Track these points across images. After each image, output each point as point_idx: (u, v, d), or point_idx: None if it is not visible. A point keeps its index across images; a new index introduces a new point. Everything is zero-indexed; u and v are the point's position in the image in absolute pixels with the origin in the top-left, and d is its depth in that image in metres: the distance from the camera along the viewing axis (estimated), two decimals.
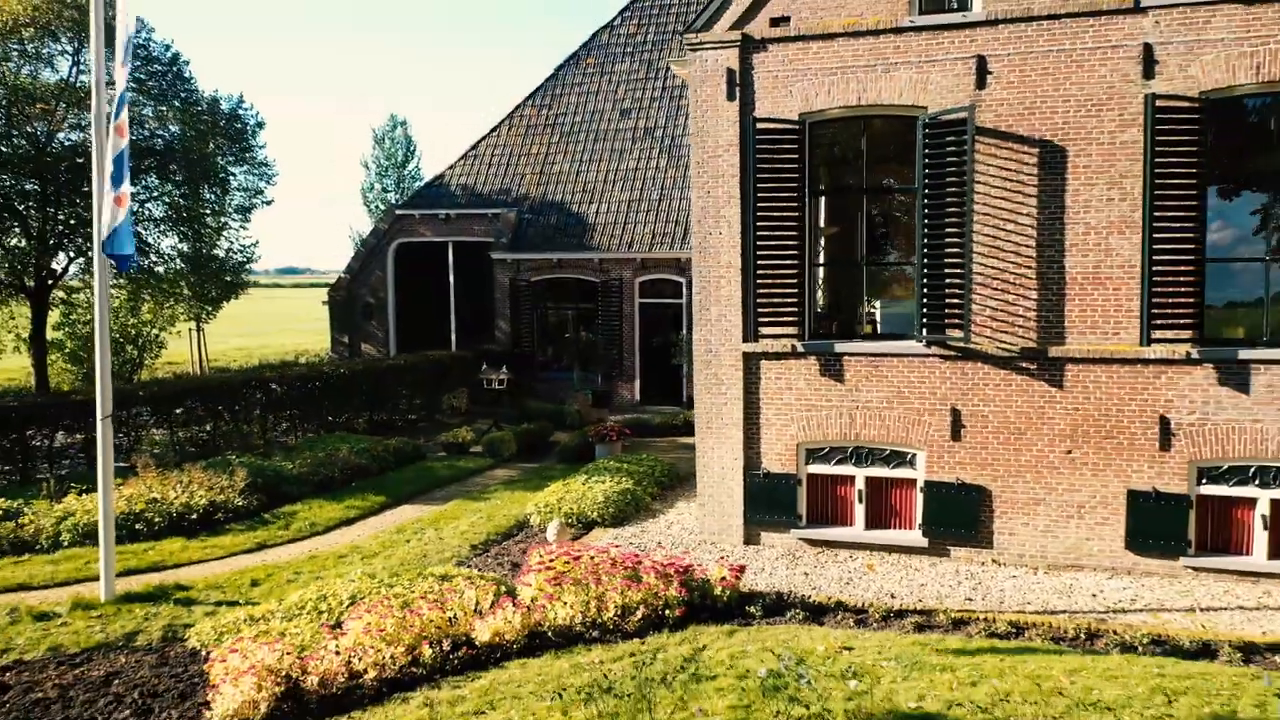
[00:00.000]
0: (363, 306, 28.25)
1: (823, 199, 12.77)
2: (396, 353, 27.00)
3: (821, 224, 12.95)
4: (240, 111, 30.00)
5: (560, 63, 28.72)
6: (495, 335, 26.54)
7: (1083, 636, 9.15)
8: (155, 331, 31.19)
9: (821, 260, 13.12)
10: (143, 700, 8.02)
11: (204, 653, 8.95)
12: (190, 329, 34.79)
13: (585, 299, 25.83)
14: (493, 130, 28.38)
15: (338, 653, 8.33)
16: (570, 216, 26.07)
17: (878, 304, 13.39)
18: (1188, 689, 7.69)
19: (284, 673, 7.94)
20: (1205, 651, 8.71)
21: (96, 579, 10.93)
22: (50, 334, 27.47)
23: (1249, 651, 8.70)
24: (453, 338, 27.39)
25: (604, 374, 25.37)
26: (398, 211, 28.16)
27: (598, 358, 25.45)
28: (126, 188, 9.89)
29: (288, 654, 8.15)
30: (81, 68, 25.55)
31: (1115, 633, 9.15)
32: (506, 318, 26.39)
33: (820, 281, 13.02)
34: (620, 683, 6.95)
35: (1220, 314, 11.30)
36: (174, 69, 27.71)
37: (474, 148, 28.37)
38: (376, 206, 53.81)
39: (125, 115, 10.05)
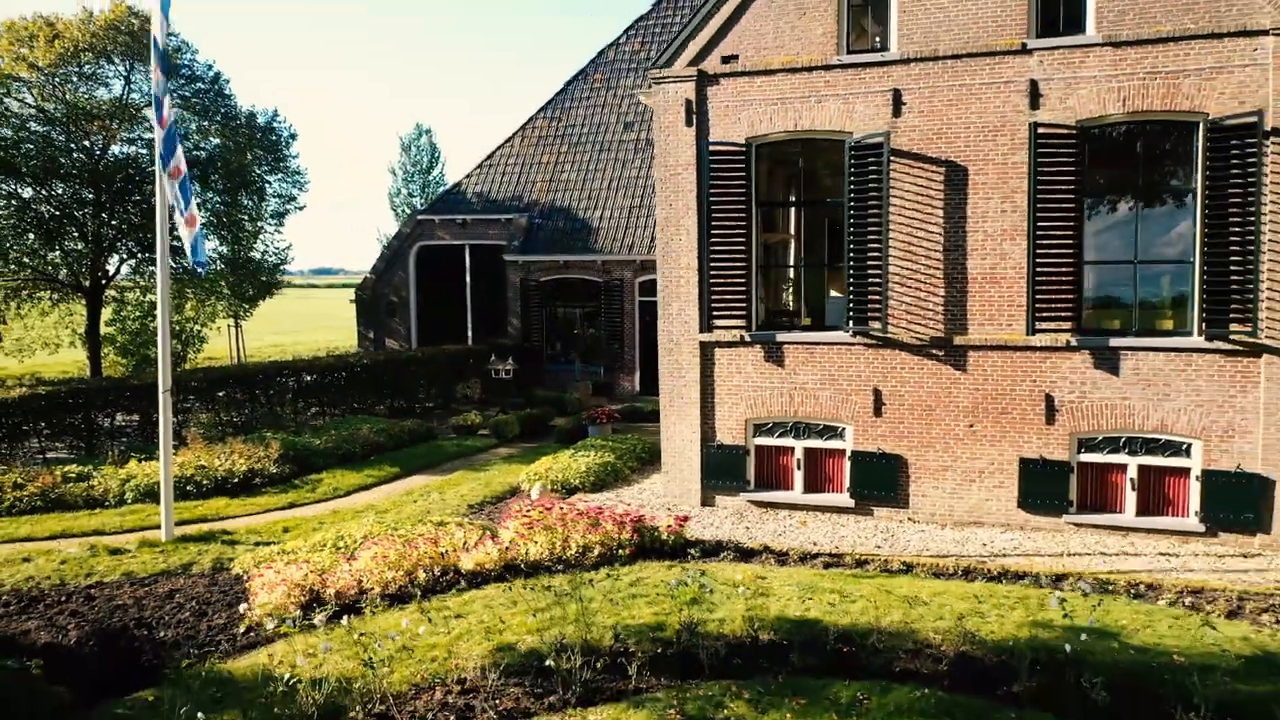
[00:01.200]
0: (387, 304, 30.60)
1: (768, 209, 14.81)
2: (417, 347, 29.32)
3: (770, 230, 14.99)
4: (275, 125, 32.46)
5: (570, 78, 30.89)
6: (508, 331, 28.76)
7: (959, 572, 11.16)
8: (197, 328, 33.75)
9: (767, 262, 15.16)
10: (199, 606, 10.29)
11: (245, 576, 11.20)
12: (229, 326, 37.39)
13: (590, 298, 27.98)
14: (507, 140, 30.61)
15: (350, 573, 10.54)
16: (576, 221, 28.23)
17: (826, 299, 15.41)
18: (1011, 601, 9.69)
19: (308, 586, 10.17)
20: (1054, 581, 10.67)
21: (157, 527, 13.25)
22: (103, 329, 30.04)
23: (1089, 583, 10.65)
24: (469, 333, 29.67)
25: (606, 366, 27.48)
26: (419, 217, 30.49)
27: (600, 351, 27.57)
28: (194, 209, 12.22)
29: (312, 573, 10.38)
30: (132, 87, 28.15)
31: (987, 570, 11.15)
32: (518, 314, 28.61)
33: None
34: (561, 587, 9.08)
35: (1119, 311, 13.21)
36: (215, 87, 30.21)
37: (489, 157, 30.62)
38: (402, 210, 56.41)
39: (179, 157, 12.35)
